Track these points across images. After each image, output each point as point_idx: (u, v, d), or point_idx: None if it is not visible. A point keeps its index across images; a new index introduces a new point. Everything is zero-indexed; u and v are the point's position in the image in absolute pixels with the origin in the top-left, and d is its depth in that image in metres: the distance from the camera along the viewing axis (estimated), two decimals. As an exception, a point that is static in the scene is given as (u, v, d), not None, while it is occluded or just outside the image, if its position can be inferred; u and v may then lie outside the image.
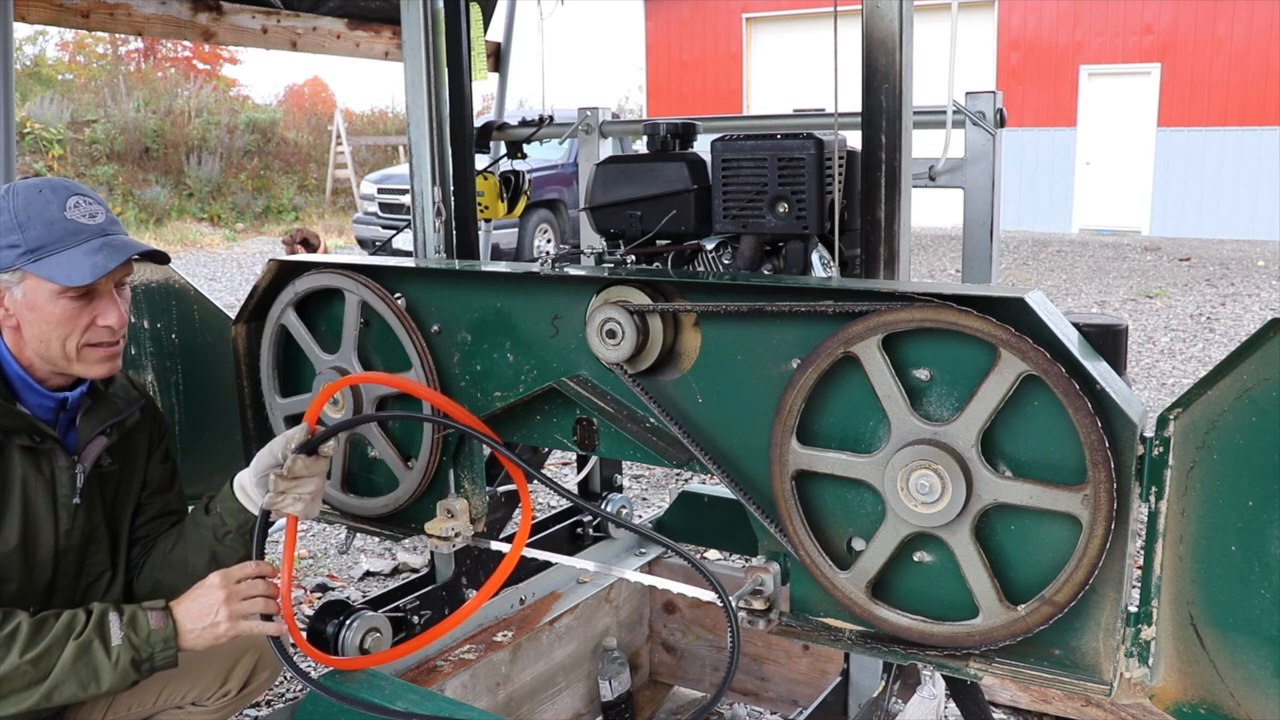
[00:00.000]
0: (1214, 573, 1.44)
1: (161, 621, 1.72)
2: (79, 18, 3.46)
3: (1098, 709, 2.90)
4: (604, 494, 3.05)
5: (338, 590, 3.99)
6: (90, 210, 1.79)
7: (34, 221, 1.73)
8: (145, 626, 1.70)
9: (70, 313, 1.75)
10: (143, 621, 1.71)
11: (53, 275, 1.72)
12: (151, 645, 1.70)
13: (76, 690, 1.65)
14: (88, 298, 1.77)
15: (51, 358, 1.78)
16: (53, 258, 1.72)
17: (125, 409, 1.95)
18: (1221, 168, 16.50)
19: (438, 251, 2.50)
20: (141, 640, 1.69)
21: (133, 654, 1.68)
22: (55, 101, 18.02)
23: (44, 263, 1.72)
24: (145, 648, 1.69)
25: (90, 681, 1.66)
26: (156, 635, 1.70)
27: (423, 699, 2.02)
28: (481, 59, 2.98)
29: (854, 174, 1.91)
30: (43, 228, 1.73)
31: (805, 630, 1.75)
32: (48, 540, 1.83)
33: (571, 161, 12.85)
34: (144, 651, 1.69)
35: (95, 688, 1.67)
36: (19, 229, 1.72)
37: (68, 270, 1.72)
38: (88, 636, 1.66)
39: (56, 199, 1.76)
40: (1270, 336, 1.35)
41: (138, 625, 1.70)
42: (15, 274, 1.74)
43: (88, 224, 1.77)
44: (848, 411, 1.64)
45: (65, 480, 1.84)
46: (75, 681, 1.65)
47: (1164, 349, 8.37)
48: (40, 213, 1.74)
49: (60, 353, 1.77)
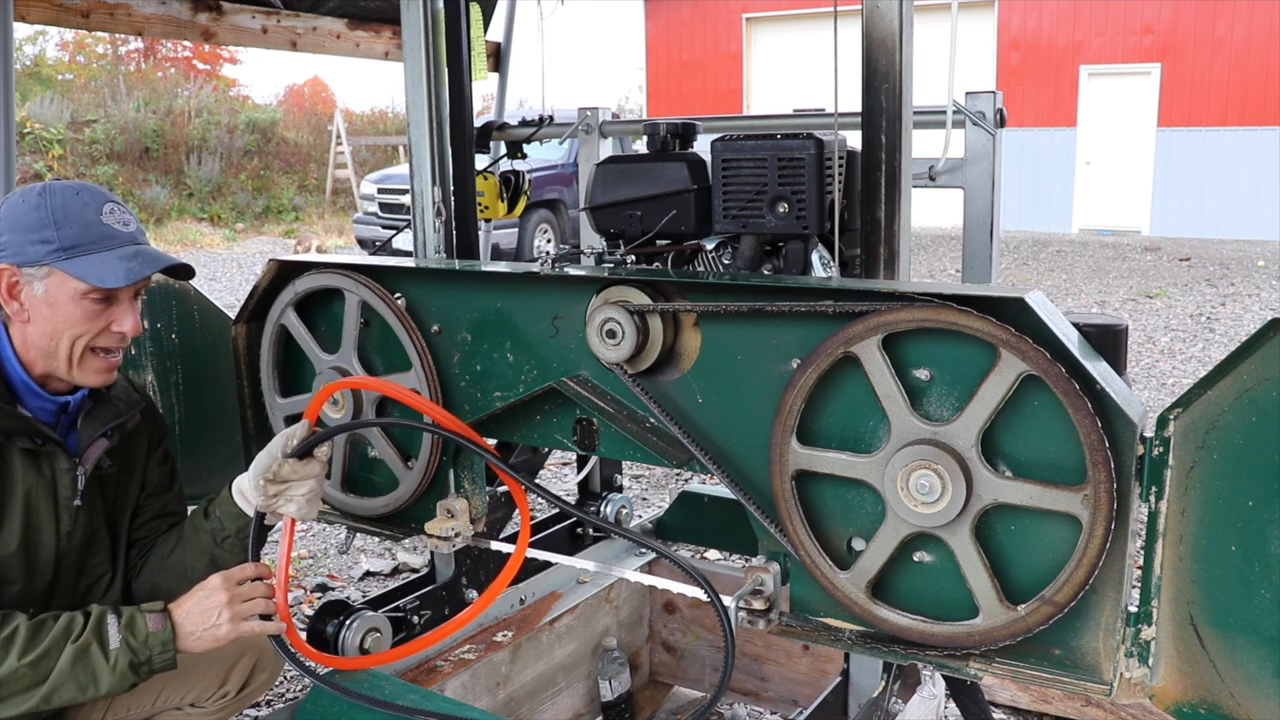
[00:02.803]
0: (1214, 573, 1.44)
1: (160, 624, 1.72)
2: (79, 18, 3.46)
3: (1098, 709, 2.89)
4: (604, 494, 3.05)
5: (338, 590, 3.99)
6: (123, 219, 1.83)
7: (70, 221, 1.75)
8: (143, 629, 1.70)
9: (90, 314, 1.77)
10: (141, 624, 1.71)
11: (85, 275, 1.74)
12: (150, 648, 1.70)
13: (75, 693, 1.65)
14: (107, 302, 1.79)
15: (54, 357, 1.78)
16: (86, 258, 1.75)
17: (126, 411, 1.96)
18: (1221, 168, 16.50)
19: (438, 251, 2.50)
20: (140, 643, 1.69)
21: (131, 657, 1.68)
22: (55, 101, 18.02)
23: (76, 262, 1.74)
24: (143, 650, 1.69)
25: (89, 684, 1.66)
26: (155, 638, 1.70)
27: (423, 699, 2.02)
28: (481, 59, 2.98)
29: (854, 174, 1.91)
30: (79, 228, 1.76)
31: (805, 630, 1.75)
32: (49, 542, 1.83)
33: (571, 161, 12.85)
34: (142, 654, 1.69)
35: (94, 690, 1.66)
36: (54, 226, 1.75)
37: (101, 272, 1.75)
38: (86, 639, 1.66)
39: (94, 203, 1.79)
40: (1270, 336, 1.35)
41: (136, 628, 1.70)
42: (41, 269, 1.75)
43: (121, 230, 1.81)
44: (848, 411, 1.64)
45: (66, 482, 1.84)
46: (74, 684, 1.65)
47: (1164, 349, 8.37)
48: (77, 214, 1.77)
49: (65, 353, 1.78)
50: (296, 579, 4.03)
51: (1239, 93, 16.16)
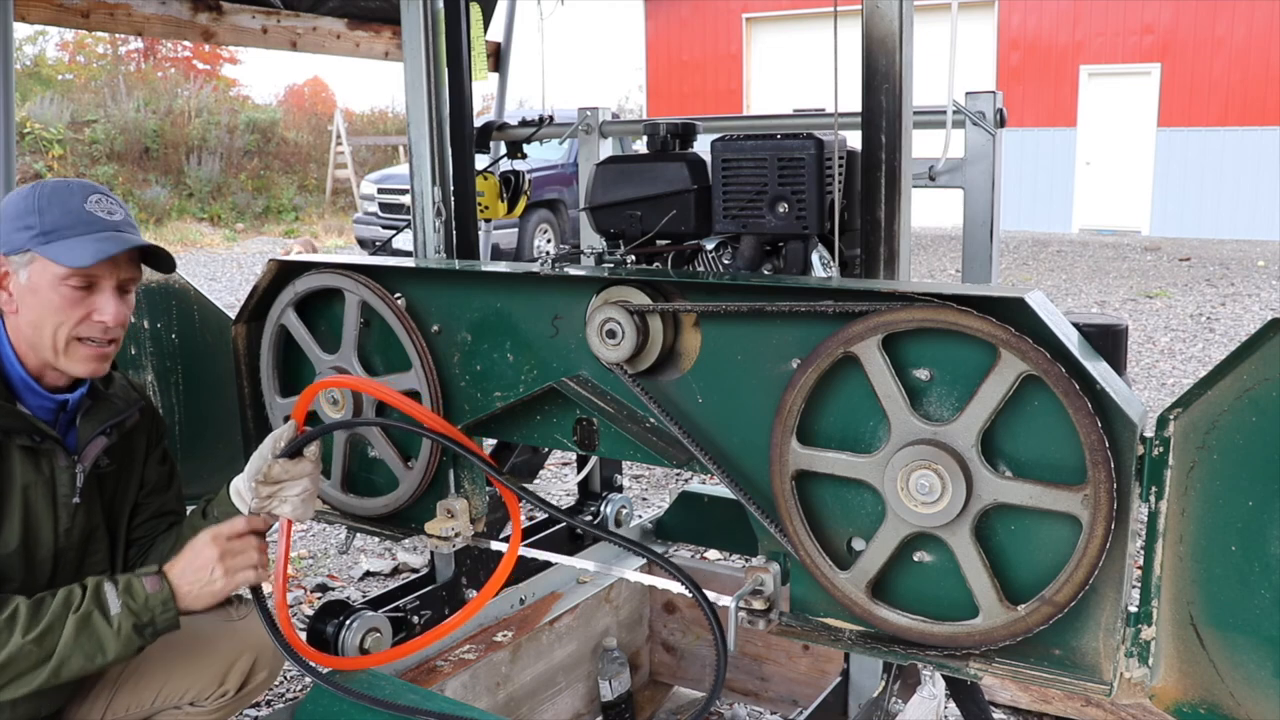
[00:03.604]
0: (1214, 573, 1.44)
1: (157, 585, 1.72)
2: (79, 18, 3.47)
3: (1098, 709, 2.89)
4: (604, 494, 3.05)
5: (338, 590, 3.99)
6: (109, 208, 1.82)
7: (52, 207, 1.77)
8: (142, 592, 1.71)
9: (68, 301, 1.76)
10: (138, 587, 1.71)
11: (57, 256, 1.74)
12: (151, 609, 1.70)
13: (84, 663, 1.66)
14: (89, 290, 1.79)
15: (41, 347, 1.79)
16: (62, 242, 1.75)
17: (125, 410, 1.96)
18: (1221, 168, 16.50)
19: (438, 251, 2.50)
20: (140, 605, 1.70)
21: (134, 620, 1.69)
22: (55, 101, 18.03)
23: (52, 245, 1.74)
24: (145, 612, 1.70)
25: (96, 653, 1.66)
26: (155, 598, 1.71)
27: (423, 699, 2.02)
28: (481, 59, 2.98)
29: (854, 174, 1.91)
30: (60, 214, 1.76)
31: (805, 630, 1.75)
32: (47, 540, 1.83)
33: (571, 161, 12.85)
34: (144, 616, 1.70)
35: (102, 658, 1.67)
36: (37, 212, 1.76)
37: (72, 253, 1.74)
38: (86, 608, 1.67)
39: (81, 193, 1.80)
40: (1270, 336, 1.35)
41: (134, 591, 1.71)
42: (25, 255, 1.76)
43: (104, 218, 1.80)
44: (848, 411, 1.64)
45: (65, 480, 1.84)
46: (81, 654, 1.65)
47: (1164, 349, 8.37)
48: (61, 202, 1.78)
49: (50, 342, 1.78)
50: (296, 579, 4.03)
51: (1239, 93, 16.16)
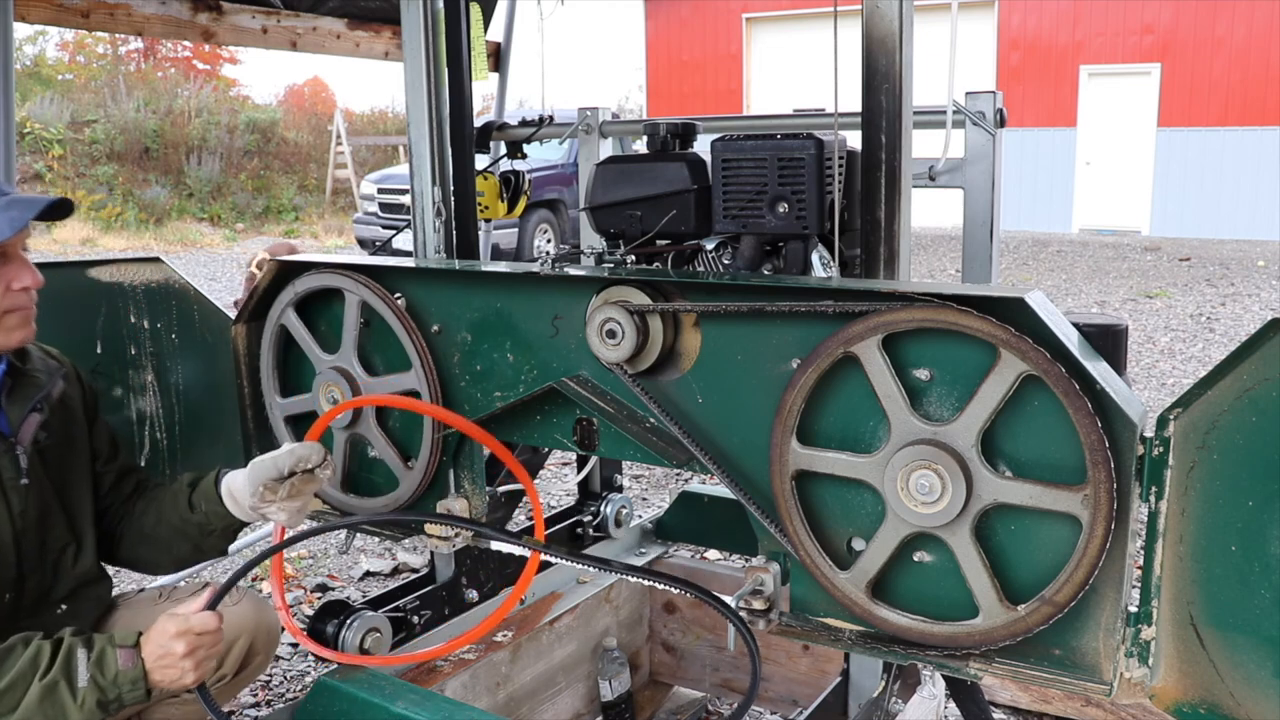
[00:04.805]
0: (1214, 573, 1.44)
1: (130, 661, 1.68)
2: (79, 18, 3.46)
3: (1098, 709, 2.89)
4: (604, 494, 3.05)
5: (338, 590, 3.99)
6: None
7: None
8: (113, 667, 1.67)
9: None
10: (110, 661, 1.67)
11: None
12: (119, 686, 1.67)
13: None
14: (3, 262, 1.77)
15: None
16: None
17: (49, 381, 1.94)
18: (1221, 168, 16.50)
19: (438, 251, 2.50)
20: (108, 682, 1.66)
21: (99, 695, 1.65)
22: (55, 101, 18.03)
23: None
24: (112, 689, 1.66)
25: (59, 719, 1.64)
26: (124, 676, 1.67)
27: (423, 699, 2.03)
28: (481, 59, 2.98)
29: (854, 174, 1.91)
30: None
31: (805, 630, 1.75)
32: (4, 525, 1.81)
33: (571, 161, 12.84)
34: (110, 693, 1.66)
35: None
36: None
37: None
38: (53, 677, 1.63)
39: None
40: (1270, 336, 1.35)
41: (105, 665, 1.67)
42: None
43: None
44: (848, 411, 1.64)
45: (8, 464, 1.83)
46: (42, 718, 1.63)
47: (1164, 349, 8.37)
48: None
49: None
50: (296, 579, 4.03)
51: (1239, 93, 16.16)
